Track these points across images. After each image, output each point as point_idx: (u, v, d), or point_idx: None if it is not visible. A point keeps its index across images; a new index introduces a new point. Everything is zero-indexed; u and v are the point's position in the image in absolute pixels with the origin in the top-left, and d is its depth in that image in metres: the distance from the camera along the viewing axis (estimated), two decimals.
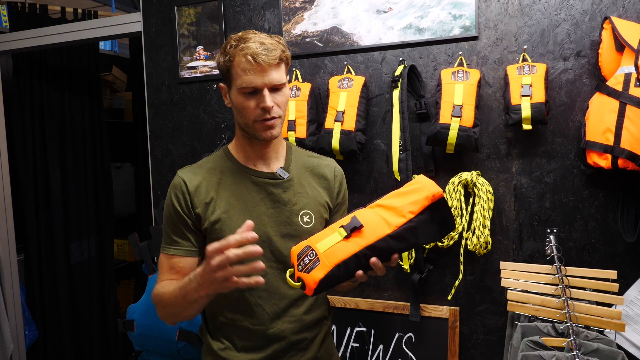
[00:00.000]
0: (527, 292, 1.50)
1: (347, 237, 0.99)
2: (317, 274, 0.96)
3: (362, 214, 1.04)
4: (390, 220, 0.99)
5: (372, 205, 1.06)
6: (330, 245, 0.98)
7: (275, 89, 1.14)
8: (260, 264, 0.93)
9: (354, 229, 0.99)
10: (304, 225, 1.20)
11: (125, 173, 3.64)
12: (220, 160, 1.24)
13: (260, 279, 0.95)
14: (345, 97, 1.71)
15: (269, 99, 1.12)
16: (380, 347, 1.82)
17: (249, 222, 0.96)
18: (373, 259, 0.98)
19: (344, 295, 1.86)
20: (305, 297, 1.22)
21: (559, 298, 1.42)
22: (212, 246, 0.94)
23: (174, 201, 1.18)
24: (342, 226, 1.02)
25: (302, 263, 0.98)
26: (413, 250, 1.72)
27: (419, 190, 1.02)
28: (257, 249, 0.92)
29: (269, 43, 1.11)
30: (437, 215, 1.01)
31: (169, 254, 1.19)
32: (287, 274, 1.00)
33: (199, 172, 1.21)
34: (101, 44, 3.33)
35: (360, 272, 0.99)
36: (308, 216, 1.22)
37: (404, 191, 1.04)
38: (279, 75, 1.14)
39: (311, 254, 0.98)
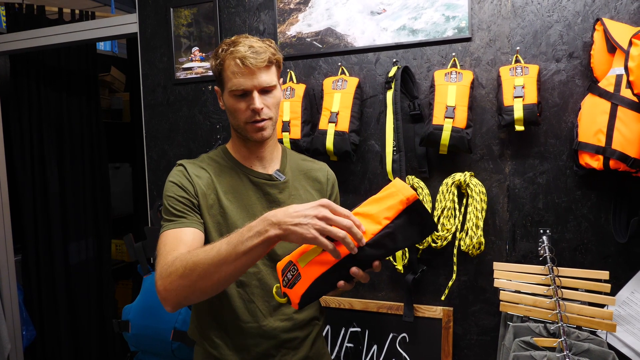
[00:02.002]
0: (519, 292, 1.50)
1: (324, 250, 0.99)
2: (299, 289, 0.97)
3: None
4: (366, 228, 0.99)
5: None
6: (310, 260, 0.98)
7: (265, 91, 1.16)
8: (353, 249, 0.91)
9: (331, 241, 1.00)
10: None
11: (124, 173, 3.66)
12: (219, 157, 1.27)
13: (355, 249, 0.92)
14: (339, 98, 1.72)
15: (258, 101, 1.13)
16: (375, 347, 1.83)
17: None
18: (353, 269, 0.97)
19: (339, 296, 1.87)
20: None
21: (551, 298, 1.43)
22: (334, 204, 0.92)
23: (180, 181, 1.16)
24: None
25: (285, 278, 0.99)
26: (407, 250, 1.73)
27: (394, 195, 1.00)
28: (354, 250, 0.92)
29: (258, 46, 1.13)
30: (414, 218, 1.00)
31: (177, 228, 1.11)
32: (274, 289, 1.01)
33: (198, 165, 1.23)
34: (100, 44, 3.34)
35: (341, 282, 0.98)
36: None
37: (380, 197, 1.03)
38: (268, 77, 1.15)
39: (293, 269, 0.99)
